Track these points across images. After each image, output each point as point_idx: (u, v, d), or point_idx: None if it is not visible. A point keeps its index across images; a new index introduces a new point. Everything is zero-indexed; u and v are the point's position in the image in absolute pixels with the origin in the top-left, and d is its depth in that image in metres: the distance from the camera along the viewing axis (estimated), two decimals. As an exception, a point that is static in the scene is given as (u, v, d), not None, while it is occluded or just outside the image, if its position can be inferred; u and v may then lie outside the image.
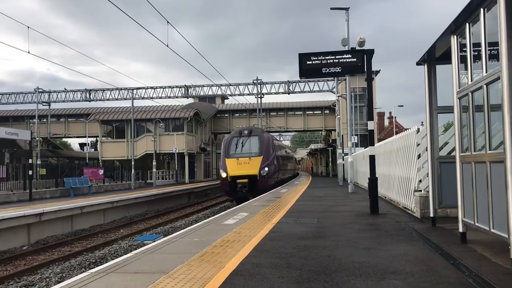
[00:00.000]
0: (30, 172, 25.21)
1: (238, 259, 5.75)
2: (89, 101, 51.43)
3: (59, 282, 9.41)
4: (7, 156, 58.90)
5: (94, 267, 5.71)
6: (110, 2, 12.25)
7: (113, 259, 6.56)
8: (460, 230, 6.63)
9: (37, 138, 46.09)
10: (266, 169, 23.14)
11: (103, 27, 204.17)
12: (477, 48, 5.99)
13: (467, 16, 5.92)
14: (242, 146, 24.19)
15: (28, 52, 26.13)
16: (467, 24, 6.02)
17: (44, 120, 55.22)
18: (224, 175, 23.13)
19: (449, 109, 7.71)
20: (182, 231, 8.51)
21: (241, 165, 23.12)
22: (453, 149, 8.40)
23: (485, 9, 5.38)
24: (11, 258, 12.98)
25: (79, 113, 58.45)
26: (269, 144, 24.67)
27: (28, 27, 23.84)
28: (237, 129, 27.37)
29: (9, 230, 14.81)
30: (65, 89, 51.46)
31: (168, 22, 18.47)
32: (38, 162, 41.16)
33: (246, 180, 22.49)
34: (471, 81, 5.99)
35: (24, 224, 15.57)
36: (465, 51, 6.20)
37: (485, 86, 5.44)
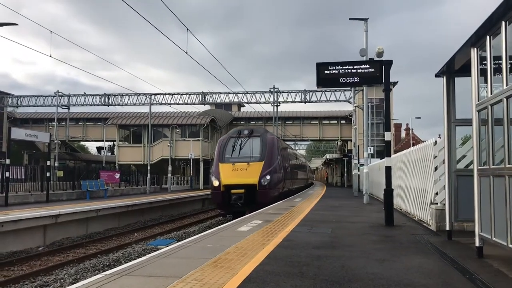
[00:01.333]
0: (48, 174, 25.56)
1: (251, 266, 5.75)
2: (108, 106, 52.00)
3: (73, 283, 9.50)
4: (25, 158, 59.86)
5: (108, 270, 5.77)
6: (133, 9, 12.44)
7: (127, 262, 6.61)
8: (477, 244, 6.53)
9: (55, 141, 46.73)
10: (268, 177, 18.91)
11: (124, 33, 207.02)
12: (497, 62, 5.96)
13: (488, 28, 5.88)
14: (240, 148, 20.10)
15: (50, 56, 26.62)
16: (488, 37, 5.98)
17: (63, 123, 56.04)
18: (216, 183, 19.04)
19: (467, 122, 7.65)
20: (196, 236, 8.54)
21: (237, 172, 19.06)
22: (471, 163, 8.32)
23: (507, 22, 5.35)
24: (27, 258, 13.14)
25: (97, 117, 59.24)
26: (273, 147, 20.53)
27: (51, 31, 24.29)
28: (235, 128, 23.36)
29: (25, 231, 15.01)
30: (85, 93, 52.17)
31: (188, 29, 18.67)
32: (56, 164, 41.74)
33: (242, 191, 18.37)
34: (491, 94, 5.93)
35: (41, 225, 15.76)
36: (485, 64, 6.15)
37: (505, 100, 5.39)
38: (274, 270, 5.55)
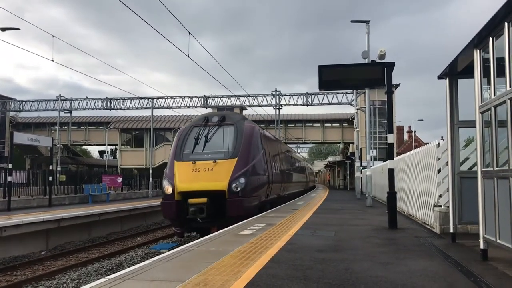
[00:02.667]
0: (50, 178, 25.59)
1: (255, 269, 5.72)
2: (110, 110, 52.02)
3: (75, 288, 9.49)
4: (28, 162, 59.99)
5: (111, 274, 5.74)
6: (135, 13, 12.47)
7: (129, 267, 6.58)
8: (481, 247, 6.49)
9: (58, 145, 46.80)
10: (243, 180, 13.60)
11: (126, 37, 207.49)
12: (500, 63, 5.94)
13: (491, 30, 5.86)
14: (206, 141, 14.81)
15: (52, 60, 26.67)
16: (491, 38, 5.95)
17: (65, 128, 56.14)
18: (168, 189, 13.72)
19: (470, 124, 7.62)
20: (198, 240, 8.51)
21: (199, 174, 13.77)
22: (474, 164, 8.27)
23: (510, 23, 5.33)
24: (29, 262, 13.14)
25: (100, 121, 59.37)
26: (252, 139, 15.19)
27: (53, 35, 24.37)
28: (202, 114, 17.18)
29: (28, 235, 15.01)
30: (87, 97, 52.19)
31: (189, 33, 18.71)
32: (58, 168, 41.75)
33: (204, 200, 13.11)
34: (494, 95, 5.91)
35: (43, 230, 15.76)
36: (488, 65, 6.13)
37: (508, 101, 5.37)
38: (278, 274, 5.52)
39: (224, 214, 13.47)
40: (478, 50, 6.54)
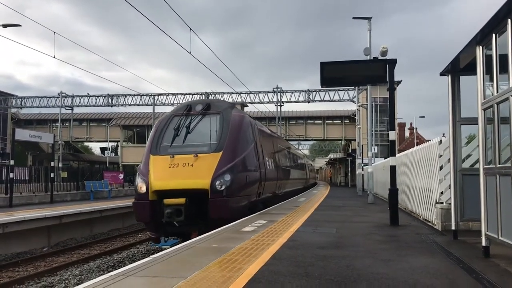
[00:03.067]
0: (52, 175, 25.63)
1: (257, 266, 5.73)
2: (111, 106, 52.06)
3: (78, 284, 9.52)
4: (29, 159, 60.07)
5: (113, 270, 5.75)
6: (136, 10, 12.47)
7: (131, 263, 6.60)
8: (483, 244, 6.49)
9: (59, 142, 46.84)
10: (228, 177, 11.81)
11: (128, 34, 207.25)
12: (503, 60, 5.92)
13: (494, 26, 5.83)
14: (188, 132, 12.99)
15: (54, 57, 26.67)
16: (494, 35, 5.93)
17: (66, 124, 56.15)
18: (142, 188, 11.89)
19: (472, 121, 7.61)
20: (200, 237, 8.52)
21: (177, 170, 11.96)
22: (476, 161, 8.27)
23: (513, 19, 5.31)
24: (31, 259, 13.17)
25: (101, 118, 59.41)
26: (241, 131, 13.36)
27: (54, 32, 24.37)
28: (185, 102, 15.25)
29: (30, 232, 15.04)
30: (88, 94, 52.28)
31: (191, 29, 18.68)
32: (60, 165, 41.82)
33: (182, 200, 11.36)
34: (497, 92, 5.89)
35: (45, 226, 15.79)
36: (491, 62, 6.11)
37: (511, 98, 5.35)
38: (280, 270, 5.52)
39: (206, 216, 11.66)
40: (480, 47, 6.52)
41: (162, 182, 11.80)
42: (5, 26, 24.38)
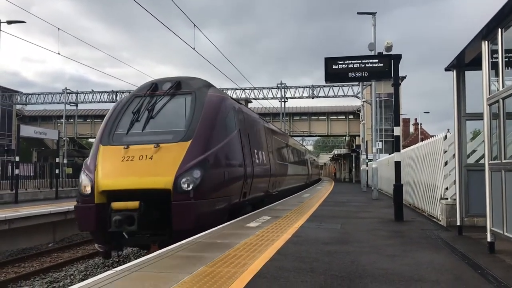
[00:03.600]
0: (57, 171, 25.72)
1: (261, 262, 5.74)
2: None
3: (83, 280, 9.57)
4: (34, 155, 60.31)
5: (118, 266, 5.77)
6: (140, 6, 12.45)
7: (136, 259, 6.61)
8: (488, 239, 6.48)
9: (64, 138, 46.99)
10: (198, 173, 9.18)
11: (132, 30, 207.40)
12: (509, 55, 5.89)
13: (500, 21, 5.80)
14: (151, 117, 10.39)
15: (58, 54, 26.72)
16: (500, 29, 5.90)
17: (71, 120, 56.39)
18: (86, 188, 9.26)
19: (478, 116, 7.58)
20: (205, 232, 8.54)
21: (131, 164, 9.33)
22: (481, 157, 8.24)
23: (519, 14, 5.28)
24: (37, 254, 13.24)
25: (105, 114, 59.49)
26: (218, 114, 10.60)
27: (58, 29, 24.41)
28: (151, 80, 11.97)
29: (35, 227, 15.11)
30: (92, 90, 52.38)
31: (195, 25, 18.66)
32: (65, 161, 41.98)
33: (135, 205, 8.70)
34: (503, 87, 5.86)
35: (50, 222, 15.86)
36: (496, 57, 6.08)
37: (517, 93, 5.33)
38: (284, 266, 5.54)
39: (166, 224, 9.02)
40: (486, 42, 6.48)
41: (111, 181, 9.07)
42: (9, 22, 24.49)
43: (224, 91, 49.35)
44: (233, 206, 10.87)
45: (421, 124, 64.79)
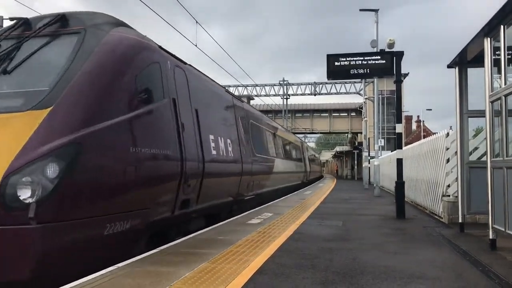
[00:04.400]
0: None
1: (263, 258, 5.75)
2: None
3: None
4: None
5: (119, 262, 5.78)
6: (142, 2, 12.44)
7: (137, 255, 6.61)
8: (490, 236, 6.48)
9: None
10: (56, 168, 4.80)
11: (133, 26, 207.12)
12: (511, 52, 5.88)
13: (502, 18, 5.79)
14: (5, 69, 6.06)
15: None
16: (502, 26, 5.89)
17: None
18: None
19: (480, 113, 7.57)
20: (206, 229, 8.55)
21: None
22: (483, 154, 8.24)
23: (521, 11, 5.26)
24: None
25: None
26: (122, 65, 6.27)
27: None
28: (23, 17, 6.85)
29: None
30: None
31: (197, 22, 18.62)
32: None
33: None
34: (505, 84, 5.85)
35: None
36: (499, 54, 6.07)
37: (519, 90, 5.32)
38: (286, 263, 5.55)
39: None
40: (488, 39, 6.47)
41: None
42: (12, 19, 24.51)
43: (226, 87, 49.41)
44: (161, 223, 7.08)
45: (423, 121, 64.74)
